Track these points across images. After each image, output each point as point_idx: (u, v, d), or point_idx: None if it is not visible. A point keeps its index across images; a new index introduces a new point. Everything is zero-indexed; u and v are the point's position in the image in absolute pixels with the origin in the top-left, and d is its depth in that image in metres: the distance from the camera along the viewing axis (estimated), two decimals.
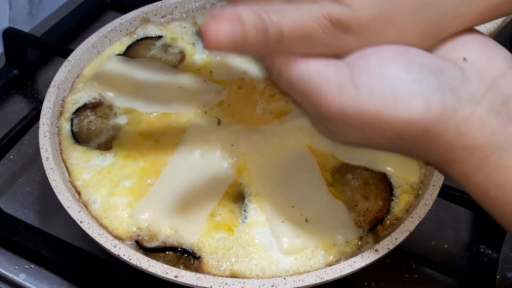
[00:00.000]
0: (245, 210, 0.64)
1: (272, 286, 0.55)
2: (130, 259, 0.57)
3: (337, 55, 0.45)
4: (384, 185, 0.67)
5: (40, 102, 0.73)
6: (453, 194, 0.71)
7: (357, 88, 0.41)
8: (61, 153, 0.70)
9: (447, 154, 0.43)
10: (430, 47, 0.45)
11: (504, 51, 0.45)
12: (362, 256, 0.57)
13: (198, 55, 0.83)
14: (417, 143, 0.44)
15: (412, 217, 0.61)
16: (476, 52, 0.44)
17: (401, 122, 0.41)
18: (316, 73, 0.43)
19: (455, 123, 0.41)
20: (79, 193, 0.65)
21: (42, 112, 0.71)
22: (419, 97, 0.41)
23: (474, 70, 0.43)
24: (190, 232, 0.61)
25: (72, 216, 0.60)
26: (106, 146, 0.71)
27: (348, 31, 0.42)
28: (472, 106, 0.41)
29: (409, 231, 0.60)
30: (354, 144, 0.48)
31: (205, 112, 0.75)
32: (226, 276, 0.58)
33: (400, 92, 0.41)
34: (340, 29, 0.42)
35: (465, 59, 0.43)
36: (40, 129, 0.69)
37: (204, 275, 0.56)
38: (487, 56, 0.44)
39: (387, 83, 0.41)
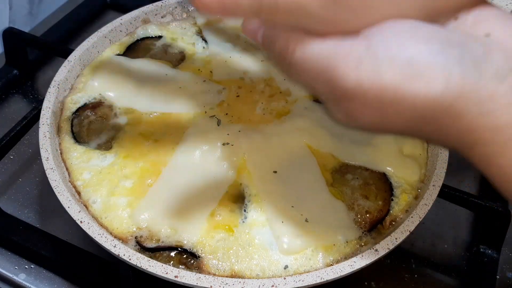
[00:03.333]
0: (245, 210, 0.64)
1: (272, 286, 0.55)
2: (130, 259, 0.57)
3: (340, 32, 0.43)
4: (384, 185, 0.67)
5: (40, 102, 0.73)
6: (453, 194, 0.71)
7: (375, 60, 0.40)
8: (61, 153, 0.70)
9: (469, 136, 0.41)
10: (450, 24, 0.43)
11: None
12: (362, 256, 0.57)
13: (198, 55, 0.83)
14: (438, 124, 0.41)
15: (412, 217, 0.61)
16: (499, 28, 0.41)
17: (421, 98, 0.39)
18: (332, 48, 0.41)
19: (477, 100, 0.39)
20: (79, 193, 0.65)
21: (42, 112, 0.71)
22: (440, 70, 0.39)
23: (498, 46, 0.40)
24: (190, 232, 0.61)
25: (72, 216, 0.60)
26: (106, 146, 0.71)
27: (342, 4, 0.40)
28: (495, 83, 0.39)
29: (409, 231, 0.60)
30: (372, 129, 0.45)
31: (205, 112, 0.75)
32: (226, 276, 0.58)
33: (419, 65, 0.39)
34: (335, 2, 0.40)
35: (488, 35, 0.41)
36: (40, 129, 0.69)
37: (204, 275, 0.56)
38: (511, 33, 0.41)
39: (406, 55, 0.39)
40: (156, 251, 0.60)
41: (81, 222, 0.60)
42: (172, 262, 0.59)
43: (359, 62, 0.40)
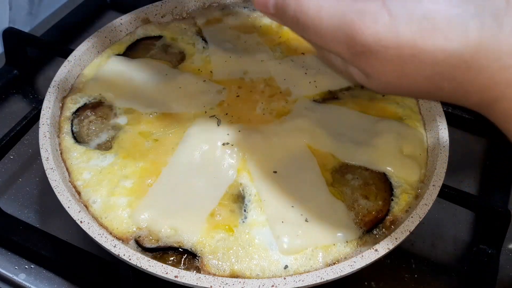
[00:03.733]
0: (245, 210, 0.64)
1: (272, 286, 0.55)
2: (130, 259, 0.57)
3: None
4: (384, 185, 0.67)
5: (40, 102, 0.73)
6: (453, 194, 0.71)
7: (392, 15, 0.39)
8: (61, 153, 0.70)
9: (490, 92, 0.40)
10: None
11: None
12: (362, 256, 0.57)
13: (198, 55, 0.83)
14: (458, 80, 0.41)
15: (412, 217, 0.61)
16: None
17: (440, 52, 0.39)
18: (348, 5, 0.41)
19: (498, 54, 0.39)
20: (79, 193, 0.65)
21: (42, 112, 0.71)
22: (457, 24, 0.38)
23: None
24: (190, 232, 0.61)
25: (72, 216, 0.60)
26: (106, 146, 0.71)
27: None
28: None
29: (409, 231, 0.60)
30: (393, 89, 0.44)
31: (205, 112, 0.75)
32: (226, 276, 0.58)
33: (437, 18, 0.39)
34: None
35: None
36: (40, 129, 0.69)
37: (204, 275, 0.56)
38: None
39: (423, 9, 0.39)
40: (156, 251, 0.60)
41: (81, 222, 0.60)
42: (172, 262, 0.59)
43: (376, 18, 0.40)
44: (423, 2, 0.39)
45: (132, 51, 0.84)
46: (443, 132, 0.71)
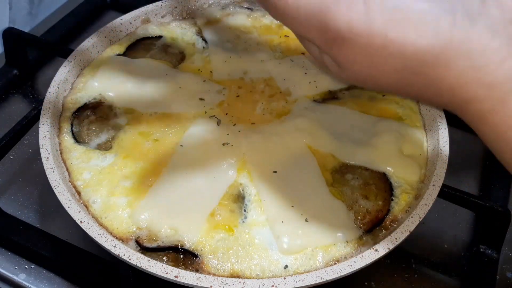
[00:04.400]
0: (245, 210, 0.64)
1: (272, 286, 0.55)
2: (130, 259, 0.57)
3: None
4: (384, 185, 0.67)
5: (40, 102, 0.73)
6: (453, 194, 0.71)
7: (367, 4, 0.40)
8: (61, 153, 0.70)
9: (462, 92, 0.40)
10: None
11: None
12: (362, 256, 0.57)
13: (198, 55, 0.83)
14: (428, 75, 0.40)
15: (412, 217, 0.61)
16: None
17: (410, 45, 0.39)
18: None
19: (468, 53, 0.38)
20: (79, 193, 0.65)
21: (42, 112, 0.71)
22: (429, 18, 0.38)
23: (495, 3, 0.39)
24: (190, 232, 0.61)
25: (72, 216, 0.60)
26: (106, 146, 0.71)
27: None
28: (489, 36, 0.38)
29: (409, 231, 0.60)
30: (364, 82, 0.45)
31: (205, 112, 0.75)
32: (226, 276, 0.58)
33: (410, 11, 0.39)
34: None
35: None
36: (40, 129, 0.69)
37: (204, 275, 0.56)
38: None
39: (396, 1, 0.39)
40: (156, 251, 0.60)
41: (81, 222, 0.60)
42: (172, 262, 0.59)
43: (350, 6, 0.40)
44: None
45: (132, 51, 0.84)
46: (443, 132, 0.71)
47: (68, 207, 0.61)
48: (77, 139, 0.71)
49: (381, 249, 0.58)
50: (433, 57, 0.39)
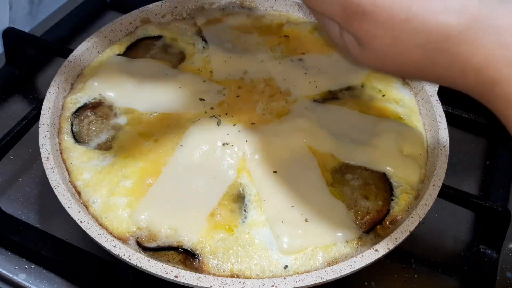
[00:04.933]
0: (245, 210, 0.64)
1: (272, 286, 0.55)
2: (130, 259, 0.57)
3: None
4: (384, 185, 0.67)
5: (40, 102, 0.73)
6: (453, 194, 0.71)
7: None
8: (61, 153, 0.70)
9: (488, 71, 0.38)
10: None
11: None
12: (362, 256, 0.57)
13: (198, 55, 0.83)
14: (452, 52, 0.39)
15: (412, 217, 0.61)
16: None
17: (434, 18, 0.38)
18: None
19: (497, 30, 0.37)
20: (79, 193, 0.65)
21: (42, 112, 0.71)
22: None
23: None
24: (190, 232, 0.61)
25: (72, 216, 0.60)
26: (106, 146, 0.71)
27: None
28: None
29: (409, 231, 0.60)
30: (386, 63, 0.42)
31: (205, 112, 0.75)
32: (226, 276, 0.58)
33: None
34: None
35: None
36: (40, 129, 0.69)
37: (204, 275, 0.56)
38: None
39: None
40: (156, 251, 0.60)
41: (81, 222, 0.60)
42: (172, 262, 0.59)
43: None
44: None
45: (132, 51, 0.84)
46: (443, 132, 0.71)
47: (68, 207, 0.61)
48: (77, 139, 0.71)
49: (381, 249, 0.58)
50: (458, 33, 0.38)
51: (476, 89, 0.40)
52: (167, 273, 0.55)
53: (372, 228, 0.63)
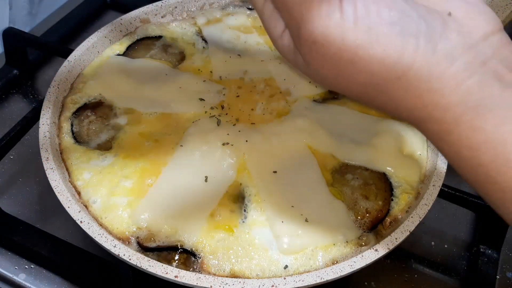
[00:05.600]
0: (245, 210, 0.64)
1: (272, 286, 0.55)
2: (130, 259, 0.57)
3: None
4: (384, 185, 0.67)
5: (40, 102, 0.73)
6: (453, 194, 0.71)
7: (343, 17, 0.41)
8: (61, 153, 0.70)
9: (420, 112, 0.43)
10: None
11: (492, 14, 0.44)
12: (362, 256, 0.57)
13: (198, 55, 0.83)
14: (389, 94, 0.43)
15: (412, 217, 0.61)
16: (463, 9, 0.43)
17: (376, 63, 0.41)
18: None
19: (428, 77, 0.41)
20: (79, 193, 0.65)
21: (42, 112, 0.71)
22: (397, 40, 0.40)
23: (457, 27, 0.42)
24: (190, 232, 0.61)
25: (72, 216, 0.60)
26: (106, 146, 0.71)
27: None
28: (447, 62, 0.41)
29: (409, 231, 0.60)
30: (330, 85, 0.46)
31: (205, 112, 0.75)
32: (226, 276, 0.58)
33: (380, 33, 0.41)
34: None
35: (450, 14, 0.42)
36: (40, 129, 0.69)
37: (204, 275, 0.56)
38: (473, 16, 0.43)
39: (371, 19, 0.41)
40: (156, 251, 0.60)
41: (81, 222, 0.60)
42: (172, 262, 0.59)
43: (330, 13, 0.41)
44: (371, 13, 0.41)
45: (132, 51, 0.84)
46: None
47: (68, 207, 0.61)
48: (77, 139, 0.71)
49: (381, 249, 0.58)
50: (396, 78, 0.41)
51: (410, 123, 0.45)
52: (167, 273, 0.55)
53: (372, 228, 0.63)
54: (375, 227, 0.63)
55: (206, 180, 0.66)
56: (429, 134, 0.44)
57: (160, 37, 0.86)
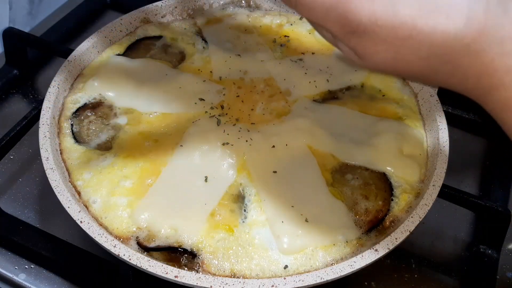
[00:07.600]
0: (245, 210, 0.64)
1: (272, 286, 0.55)
2: (130, 259, 0.57)
3: None
4: (384, 185, 0.67)
5: (40, 102, 0.73)
6: (453, 194, 0.71)
7: None
8: (61, 153, 0.70)
9: (488, 78, 0.39)
10: None
11: None
12: (362, 256, 0.57)
13: (198, 55, 0.83)
14: (456, 63, 0.40)
15: (412, 217, 0.61)
16: None
17: (440, 33, 0.38)
18: None
19: (500, 39, 0.38)
20: (79, 193, 0.65)
21: (42, 112, 0.71)
22: (462, 4, 0.38)
23: None
24: (190, 232, 0.61)
25: (72, 216, 0.60)
26: (106, 146, 0.71)
27: None
28: None
29: (409, 231, 0.60)
30: (386, 69, 0.43)
31: (205, 112, 0.75)
32: (226, 276, 0.58)
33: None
34: None
35: None
36: (40, 129, 0.69)
37: (204, 275, 0.56)
38: None
39: None
40: (156, 251, 0.60)
41: (81, 222, 0.60)
42: (172, 262, 0.59)
43: None
44: None
45: (132, 51, 0.84)
46: (443, 132, 0.71)
47: (68, 207, 0.61)
48: (77, 139, 0.71)
49: (381, 249, 0.58)
50: (465, 45, 0.38)
51: (474, 93, 0.42)
52: (167, 273, 0.56)
53: (372, 228, 0.63)
54: (375, 227, 0.63)
55: (206, 180, 0.66)
56: (496, 104, 0.40)
57: (160, 37, 0.86)
